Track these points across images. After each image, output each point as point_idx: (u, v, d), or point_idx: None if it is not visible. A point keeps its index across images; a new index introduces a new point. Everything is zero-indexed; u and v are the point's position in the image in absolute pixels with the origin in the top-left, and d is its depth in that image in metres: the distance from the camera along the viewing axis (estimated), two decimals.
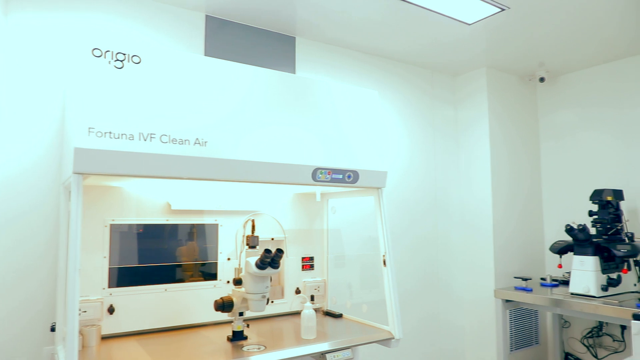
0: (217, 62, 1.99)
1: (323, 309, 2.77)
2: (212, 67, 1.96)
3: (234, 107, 1.96)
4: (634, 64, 3.46)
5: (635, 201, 3.37)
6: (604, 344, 3.53)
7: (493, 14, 2.79)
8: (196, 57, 1.96)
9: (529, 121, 4.04)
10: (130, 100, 1.73)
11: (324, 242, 2.85)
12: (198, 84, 1.90)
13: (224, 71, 1.99)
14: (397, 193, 3.50)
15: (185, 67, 1.89)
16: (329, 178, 2.13)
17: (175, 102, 1.83)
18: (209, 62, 1.98)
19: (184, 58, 1.91)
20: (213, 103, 1.92)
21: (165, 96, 1.81)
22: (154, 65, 1.81)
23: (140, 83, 1.77)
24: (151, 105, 1.77)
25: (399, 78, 3.62)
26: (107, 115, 1.67)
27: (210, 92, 1.93)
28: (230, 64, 2.02)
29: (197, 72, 1.91)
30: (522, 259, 3.81)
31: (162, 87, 1.81)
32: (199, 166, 1.83)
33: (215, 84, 1.95)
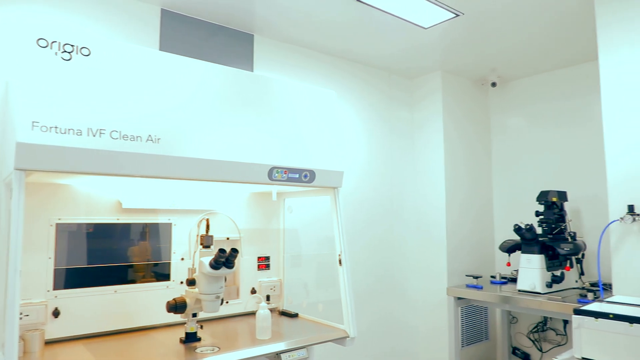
0: (172, 57, 1.94)
1: (279, 308, 2.76)
2: (167, 62, 1.91)
3: (189, 103, 1.92)
4: (577, 72, 3.65)
5: (577, 202, 3.55)
6: (548, 338, 3.70)
7: (448, 19, 2.86)
8: (150, 51, 1.91)
9: (482, 125, 4.18)
10: (79, 93, 1.66)
11: (280, 241, 2.84)
12: (152, 79, 1.85)
13: (179, 67, 1.94)
14: (356, 194, 3.54)
15: (139, 61, 1.83)
16: (285, 177, 2.13)
17: (127, 97, 1.77)
18: (164, 56, 1.93)
19: (137, 52, 1.85)
20: (167, 99, 1.87)
21: (116, 91, 1.75)
22: (104, 58, 1.74)
23: (90, 76, 1.70)
24: (101, 100, 1.70)
25: (357, 79, 3.66)
26: (53, 109, 1.59)
27: (165, 88, 1.88)
28: (186, 60, 1.98)
29: (151, 67, 1.86)
30: (474, 258, 3.94)
31: (113, 81, 1.75)
32: (152, 164, 1.78)
33: (170, 79, 1.90)
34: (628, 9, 2.46)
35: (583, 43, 3.20)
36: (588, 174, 3.49)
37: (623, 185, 2.44)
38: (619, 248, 2.45)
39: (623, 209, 2.42)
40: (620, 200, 2.44)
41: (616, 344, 1.81)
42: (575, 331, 1.92)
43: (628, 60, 2.45)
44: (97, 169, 1.68)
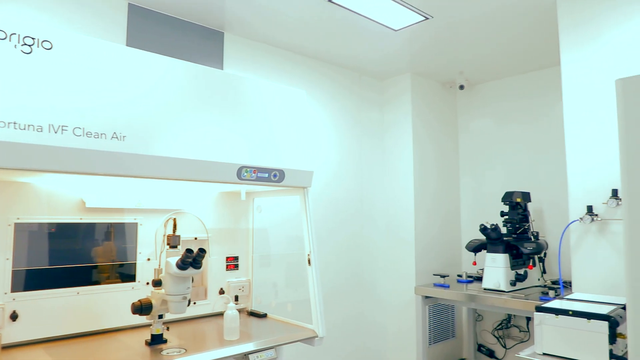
0: (139, 53, 1.90)
1: (247, 309, 2.74)
2: (133, 58, 1.87)
3: (156, 100, 1.88)
4: (541, 77, 3.76)
5: (540, 202, 3.66)
6: (512, 335, 3.80)
7: (417, 22, 2.90)
8: (116, 47, 1.86)
9: (450, 126, 4.26)
10: (40, 88, 1.61)
11: (249, 241, 2.82)
12: (117, 75, 1.81)
13: (147, 63, 1.91)
14: (326, 194, 3.54)
15: (104, 57, 1.79)
16: (255, 177, 2.11)
17: (91, 93, 1.72)
18: (130, 52, 1.89)
19: (103, 47, 1.80)
20: (134, 96, 1.83)
21: (79, 86, 1.70)
22: (67, 52, 1.69)
23: (52, 71, 1.65)
24: (63, 95, 1.65)
25: (328, 79, 3.67)
26: (12, 103, 1.54)
27: (131, 85, 1.84)
28: (154, 56, 1.94)
29: (117, 63, 1.82)
30: (442, 257, 4.01)
31: (76, 77, 1.70)
32: (117, 162, 1.74)
33: (137, 76, 1.86)
34: (587, 9, 2.55)
35: (546, 49, 3.31)
36: (550, 176, 3.60)
37: (582, 187, 2.53)
38: (579, 247, 2.53)
39: (582, 210, 2.51)
40: (579, 201, 2.53)
41: (575, 340, 1.87)
42: (536, 328, 1.98)
43: (588, 61, 2.54)
44: (58, 167, 1.63)
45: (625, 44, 2.41)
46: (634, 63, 2.38)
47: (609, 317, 1.81)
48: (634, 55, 2.38)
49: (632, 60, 2.38)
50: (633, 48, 2.38)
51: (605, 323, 1.79)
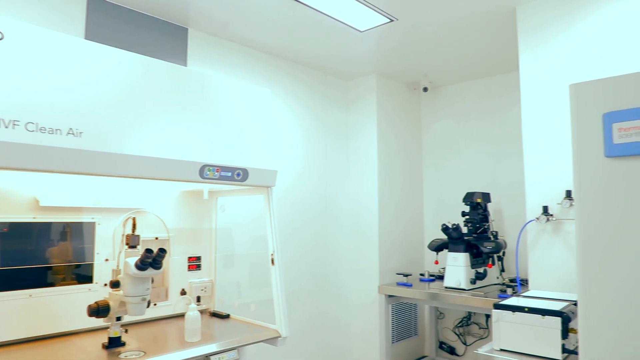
0: (98, 47, 1.84)
1: (210, 310, 2.70)
2: (91, 52, 1.81)
3: (116, 96, 1.83)
4: (502, 81, 3.87)
5: (500, 203, 3.77)
6: (472, 332, 3.90)
7: (383, 23, 2.93)
8: (73, 39, 1.79)
9: (414, 128, 4.32)
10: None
11: (212, 241, 2.77)
12: (74, 69, 1.74)
13: (106, 57, 1.85)
14: (291, 193, 3.53)
15: (59, 49, 1.72)
16: (218, 175, 2.08)
17: (46, 86, 1.65)
18: (89, 45, 1.82)
19: (58, 39, 1.73)
20: (92, 91, 1.77)
21: (33, 79, 1.63)
22: (20, 44, 1.62)
23: (2, 63, 1.57)
24: (15, 89, 1.58)
25: (293, 78, 3.66)
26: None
27: (89, 79, 1.77)
28: (113, 50, 1.88)
29: (74, 56, 1.75)
30: (405, 257, 4.07)
31: (29, 69, 1.63)
32: (73, 159, 1.68)
33: (95, 70, 1.80)
34: (544, 12, 2.64)
35: (507, 54, 3.41)
36: (509, 177, 3.71)
37: (539, 188, 2.62)
38: (535, 246, 2.62)
39: (539, 210, 2.60)
40: (536, 201, 2.62)
41: (530, 335, 1.93)
42: (494, 324, 2.04)
43: (544, 64, 2.63)
44: (9, 164, 1.55)
45: (579, 46, 2.51)
46: (586, 65, 2.48)
47: (562, 313, 1.88)
48: (587, 58, 2.48)
49: (585, 62, 2.48)
50: (586, 51, 2.48)
51: (558, 319, 1.86)
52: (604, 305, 1.43)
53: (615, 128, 1.40)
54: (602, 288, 1.43)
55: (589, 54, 2.48)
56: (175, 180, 2.03)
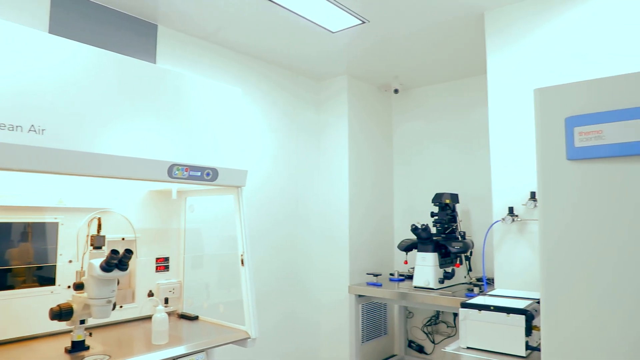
0: (63, 42, 1.79)
1: (178, 311, 2.66)
2: (55, 46, 1.75)
3: (81, 92, 1.78)
4: (470, 84, 3.95)
5: (467, 204, 3.84)
6: (440, 331, 3.96)
7: (354, 25, 2.95)
8: (35, 33, 1.73)
9: (385, 129, 4.37)
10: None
11: (180, 241, 2.73)
12: (37, 64, 1.69)
13: (71, 52, 1.79)
14: (261, 194, 3.51)
15: (21, 43, 1.66)
16: (187, 175, 2.05)
17: (5, 81, 1.59)
18: (52, 40, 1.76)
19: (20, 32, 1.67)
20: (56, 86, 1.71)
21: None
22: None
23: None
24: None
25: (264, 78, 3.64)
26: None
27: (53, 74, 1.72)
28: (79, 45, 1.83)
29: (37, 50, 1.69)
30: (375, 257, 4.10)
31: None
32: (34, 157, 1.62)
33: (60, 65, 1.74)
34: (511, 15, 2.71)
35: (475, 58, 3.48)
36: (477, 178, 3.79)
37: (504, 189, 2.68)
38: (501, 246, 2.69)
39: (504, 211, 2.66)
40: (502, 202, 2.69)
41: (496, 333, 1.98)
42: (461, 323, 2.08)
43: (510, 67, 2.70)
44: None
45: (544, 50, 2.59)
46: (551, 68, 2.55)
47: (526, 311, 1.93)
48: (551, 61, 2.56)
49: (549, 65, 2.56)
50: (551, 54, 2.56)
51: (522, 317, 1.91)
52: (565, 303, 1.47)
53: (577, 132, 1.45)
54: (564, 286, 1.48)
55: (553, 57, 2.56)
56: (142, 180, 1.99)
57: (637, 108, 1.35)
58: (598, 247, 1.43)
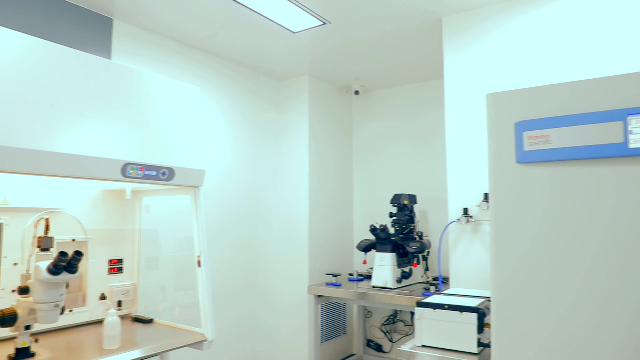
0: (6, 32, 1.70)
1: (132, 314, 2.58)
2: (1, 40, 1.66)
3: (29, 87, 1.69)
4: (429, 88, 4.03)
5: (425, 204, 3.93)
6: (397, 329, 4.03)
7: (316, 26, 2.96)
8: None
9: (345, 130, 4.40)
10: None
11: (135, 242, 2.65)
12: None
13: (15, 44, 1.71)
14: (220, 193, 3.46)
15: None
16: (141, 174, 1.99)
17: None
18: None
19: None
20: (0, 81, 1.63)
21: None
22: None
23: None
24: None
25: (224, 77, 3.59)
26: None
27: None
28: (27, 38, 1.74)
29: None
30: (334, 257, 4.12)
31: None
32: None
33: (4, 58, 1.66)
34: (466, 21, 2.79)
35: (434, 63, 3.56)
36: (434, 180, 3.88)
37: (460, 190, 2.76)
38: (456, 246, 2.76)
39: (460, 212, 2.73)
40: (457, 203, 2.76)
41: (450, 331, 2.03)
42: (417, 322, 2.12)
43: (465, 71, 2.78)
44: None
45: (497, 55, 2.68)
46: (505, 73, 2.64)
47: (478, 309, 1.99)
48: (505, 66, 2.65)
49: (503, 70, 2.65)
50: (505, 59, 2.65)
51: (475, 315, 1.97)
52: (514, 300, 1.53)
53: (526, 136, 1.50)
54: (512, 284, 1.53)
55: (506, 62, 2.65)
56: (94, 179, 1.92)
57: (580, 114, 1.42)
58: (545, 247, 1.49)
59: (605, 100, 1.41)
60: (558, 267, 1.46)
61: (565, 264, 1.45)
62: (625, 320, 1.35)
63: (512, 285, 1.54)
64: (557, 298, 1.46)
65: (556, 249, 1.47)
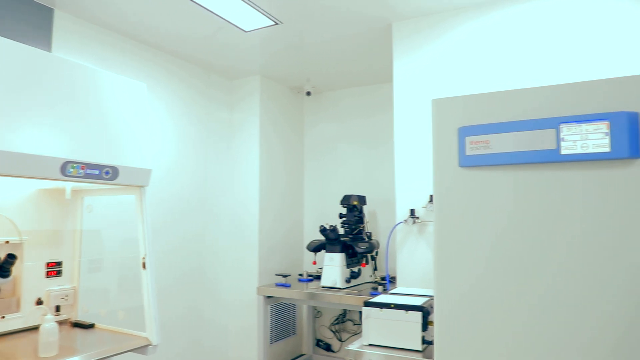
0: None
1: (71, 320, 2.47)
2: None
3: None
4: (379, 91, 4.11)
5: (374, 205, 4.00)
6: (347, 329, 4.08)
7: (267, 25, 2.95)
8: None
9: (297, 131, 4.41)
10: None
11: (76, 244, 2.54)
12: None
13: None
14: (168, 191, 3.38)
15: None
16: (83, 173, 1.91)
17: None
18: None
19: None
20: None
21: None
22: None
23: None
24: None
25: (173, 74, 3.50)
26: None
27: None
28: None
29: None
30: (285, 258, 4.12)
31: None
32: None
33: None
34: (414, 27, 2.87)
35: (385, 67, 3.63)
36: (383, 181, 3.96)
37: (407, 192, 2.83)
38: (403, 246, 2.83)
39: (407, 213, 2.81)
40: (405, 204, 2.83)
41: (396, 330, 2.08)
42: (364, 321, 2.15)
43: (414, 75, 2.86)
44: None
45: (444, 60, 2.77)
46: (450, 78, 2.74)
47: (422, 307, 2.05)
48: (450, 72, 2.75)
49: (449, 75, 2.75)
50: (450, 63, 2.75)
51: (419, 313, 2.03)
52: (455, 298, 1.59)
53: (468, 141, 1.57)
54: (454, 283, 1.59)
55: (452, 68, 2.75)
56: (31, 178, 1.82)
57: (518, 122, 1.50)
58: (484, 246, 1.56)
59: (540, 108, 1.49)
60: (497, 266, 1.53)
61: (503, 262, 1.52)
62: (562, 313, 1.44)
63: (453, 283, 1.60)
64: (496, 295, 1.53)
65: (495, 248, 1.54)
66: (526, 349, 1.48)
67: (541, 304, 1.46)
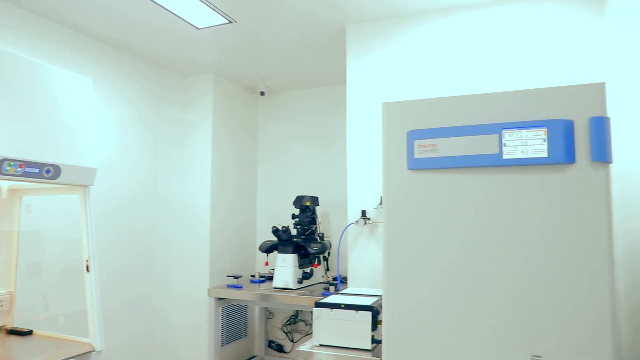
0: None
1: (7, 326, 2.34)
2: None
3: None
4: (333, 92, 4.15)
5: (327, 206, 4.03)
6: (299, 329, 4.08)
7: (221, 24, 2.91)
8: None
9: (250, 131, 4.37)
10: None
11: (13, 246, 2.41)
12: None
13: None
14: (117, 185, 3.26)
15: None
16: (21, 172, 1.82)
17: None
18: None
19: None
20: None
21: None
22: None
23: None
24: None
25: (119, 70, 3.38)
26: None
27: None
28: None
29: None
30: (237, 258, 4.08)
31: None
32: None
33: None
34: (369, 29, 2.92)
35: (339, 69, 3.67)
36: (336, 182, 4.00)
37: (359, 193, 2.87)
38: (354, 246, 2.87)
39: (358, 214, 2.85)
40: (356, 205, 2.87)
41: (346, 330, 2.11)
42: (315, 322, 2.17)
43: (367, 78, 2.91)
44: None
45: (396, 64, 2.83)
46: (401, 82, 2.81)
47: (372, 307, 2.09)
48: (401, 73, 2.81)
49: (399, 79, 2.81)
50: (402, 67, 2.82)
51: (369, 313, 2.06)
52: (402, 297, 1.63)
53: (416, 144, 1.61)
54: (401, 282, 1.64)
55: (404, 71, 2.81)
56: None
57: (463, 127, 1.56)
58: (431, 247, 1.61)
59: (484, 114, 1.56)
60: (443, 265, 1.59)
61: (448, 262, 1.58)
62: (505, 310, 1.50)
63: (401, 283, 1.64)
64: (442, 295, 1.58)
65: (441, 248, 1.59)
66: (470, 346, 1.54)
67: (485, 301, 1.53)
